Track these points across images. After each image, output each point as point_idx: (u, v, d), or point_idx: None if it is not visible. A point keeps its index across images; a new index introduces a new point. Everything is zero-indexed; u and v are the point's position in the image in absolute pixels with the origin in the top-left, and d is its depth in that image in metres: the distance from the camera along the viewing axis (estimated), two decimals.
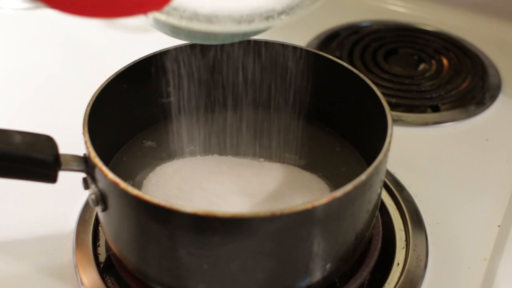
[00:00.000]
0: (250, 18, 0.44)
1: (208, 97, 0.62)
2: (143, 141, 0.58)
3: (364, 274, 0.52)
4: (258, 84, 0.61)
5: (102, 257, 0.55)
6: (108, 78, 0.52)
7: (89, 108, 0.48)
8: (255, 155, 0.58)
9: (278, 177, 0.54)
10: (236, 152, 0.58)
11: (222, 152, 0.58)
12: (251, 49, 0.58)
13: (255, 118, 0.61)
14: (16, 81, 0.83)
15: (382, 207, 0.60)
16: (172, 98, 0.60)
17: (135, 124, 0.58)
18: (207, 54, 0.58)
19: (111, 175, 0.41)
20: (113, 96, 0.52)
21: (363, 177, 0.42)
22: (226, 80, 0.61)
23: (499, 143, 0.72)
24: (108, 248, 0.54)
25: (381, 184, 0.48)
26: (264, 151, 0.58)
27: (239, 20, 0.44)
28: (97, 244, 0.56)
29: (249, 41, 0.58)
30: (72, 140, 0.47)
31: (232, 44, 0.58)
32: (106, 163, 0.43)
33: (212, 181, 0.52)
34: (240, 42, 0.58)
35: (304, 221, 0.41)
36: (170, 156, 0.58)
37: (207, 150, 0.59)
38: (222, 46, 0.58)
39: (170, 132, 0.60)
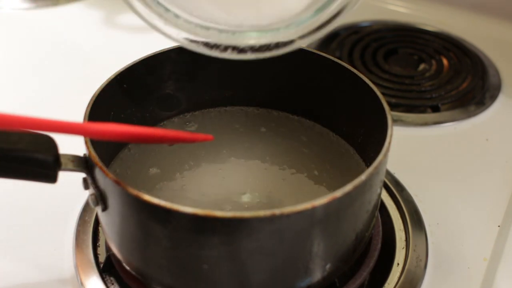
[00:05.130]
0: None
1: (208, 97, 0.62)
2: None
3: (364, 274, 0.52)
4: (257, 84, 0.61)
5: (102, 257, 0.55)
6: (108, 78, 0.52)
7: (89, 108, 0.48)
8: (254, 154, 0.58)
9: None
10: (234, 151, 0.58)
11: (221, 151, 0.58)
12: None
13: (254, 118, 0.61)
14: (16, 81, 0.83)
15: (382, 207, 0.60)
16: (172, 98, 0.60)
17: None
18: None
19: (111, 175, 0.41)
20: (113, 96, 0.52)
21: (363, 177, 0.42)
22: (226, 80, 0.61)
23: (499, 143, 0.72)
24: (108, 248, 0.54)
25: (381, 184, 0.48)
26: (262, 150, 0.58)
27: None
28: (97, 244, 0.56)
29: None
30: (72, 140, 0.47)
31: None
32: (106, 163, 0.43)
33: None
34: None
35: (304, 221, 0.41)
36: (170, 155, 0.58)
37: (207, 148, 0.58)
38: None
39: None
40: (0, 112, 0.36)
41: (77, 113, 0.49)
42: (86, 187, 0.47)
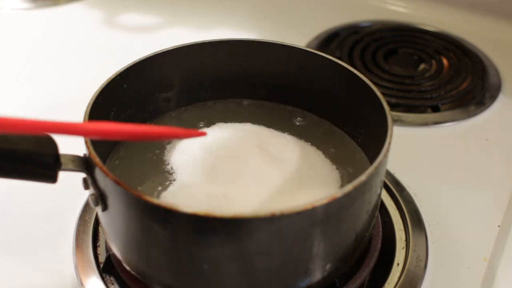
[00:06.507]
0: None
1: (208, 96, 0.62)
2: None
3: (364, 274, 0.52)
4: (257, 84, 0.61)
5: (102, 257, 0.55)
6: (108, 78, 0.52)
7: (89, 108, 0.48)
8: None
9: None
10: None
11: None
12: (251, 49, 0.58)
13: (254, 117, 0.61)
14: (16, 81, 0.83)
15: (382, 207, 0.60)
16: (172, 97, 0.60)
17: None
18: (207, 53, 0.58)
19: (111, 175, 0.41)
20: (113, 96, 0.52)
21: (363, 177, 0.42)
22: (227, 80, 0.61)
23: (499, 143, 0.72)
24: (108, 248, 0.54)
25: (381, 184, 0.48)
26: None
27: None
28: (97, 244, 0.56)
29: (249, 42, 0.58)
30: (72, 140, 0.47)
31: (232, 45, 0.58)
32: (105, 160, 0.43)
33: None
34: (239, 43, 0.58)
35: (304, 221, 0.41)
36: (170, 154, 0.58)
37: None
38: (222, 46, 0.58)
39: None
40: None
41: (77, 113, 0.49)
42: (86, 187, 0.47)
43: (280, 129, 0.59)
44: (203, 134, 0.49)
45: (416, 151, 0.70)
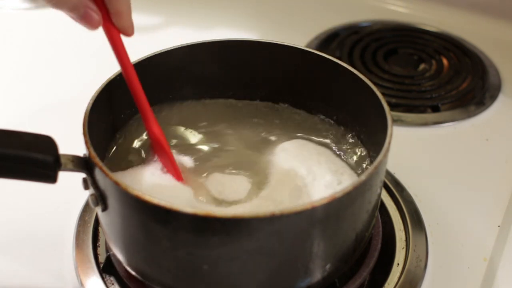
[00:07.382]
0: None
1: (208, 96, 0.62)
2: (144, 140, 0.58)
3: (364, 274, 0.52)
4: (257, 84, 0.61)
5: (102, 257, 0.55)
6: (108, 78, 0.52)
7: (89, 108, 0.48)
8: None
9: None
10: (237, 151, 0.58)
11: (223, 151, 0.58)
12: (251, 49, 0.58)
13: (255, 118, 0.61)
14: (16, 81, 0.83)
15: (382, 207, 0.60)
16: (172, 97, 0.60)
17: (136, 124, 0.58)
18: (207, 53, 0.58)
19: (111, 176, 0.41)
20: (113, 96, 0.52)
21: (363, 177, 0.42)
22: (227, 80, 0.61)
23: (499, 143, 0.72)
24: (108, 248, 0.55)
25: (381, 184, 0.48)
26: (263, 149, 0.58)
27: None
28: (97, 244, 0.56)
29: (249, 42, 0.58)
30: (72, 140, 0.47)
31: (232, 45, 0.58)
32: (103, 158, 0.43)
33: None
34: (239, 43, 0.58)
35: (304, 221, 0.41)
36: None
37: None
38: (223, 46, 0.58)
39: (170, 130, 0.59)
40: None
41: (77, 113, 0.49)
42: (86, 187, 0.47)
43: (280, 128, 0.59)
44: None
45: (416, 151, 0.70)
